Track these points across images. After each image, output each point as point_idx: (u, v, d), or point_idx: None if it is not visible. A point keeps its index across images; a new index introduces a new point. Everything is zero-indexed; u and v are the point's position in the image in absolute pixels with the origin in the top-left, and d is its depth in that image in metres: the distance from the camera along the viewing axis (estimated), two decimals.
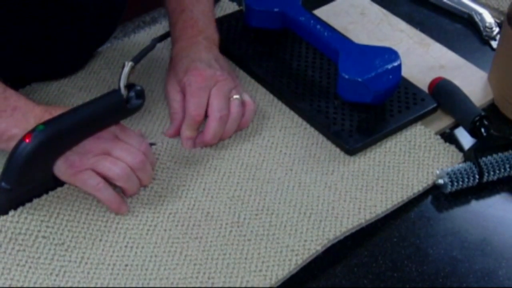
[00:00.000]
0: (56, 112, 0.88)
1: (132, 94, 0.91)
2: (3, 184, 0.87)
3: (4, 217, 0.89)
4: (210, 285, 0.83)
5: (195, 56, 1.03)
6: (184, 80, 1.00)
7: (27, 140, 0.85)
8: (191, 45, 1.05)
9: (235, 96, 1.01)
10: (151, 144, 0.97)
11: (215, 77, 1.00)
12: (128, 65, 0.90)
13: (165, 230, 0.89)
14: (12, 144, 0.87)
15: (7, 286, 0.82)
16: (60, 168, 0.88)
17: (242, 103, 1.01)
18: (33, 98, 1.06)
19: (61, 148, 0.88)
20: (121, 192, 0.91)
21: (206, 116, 0.99)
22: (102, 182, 0.88)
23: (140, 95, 0.91)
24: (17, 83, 1.08)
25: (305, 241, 0.88)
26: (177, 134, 1.00)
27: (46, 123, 0.86)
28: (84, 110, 0.89)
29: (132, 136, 0.92)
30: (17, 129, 0.88)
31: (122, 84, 0.90)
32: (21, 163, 0.85)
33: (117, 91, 0.90)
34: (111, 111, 0.90)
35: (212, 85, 1.00)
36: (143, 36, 1.19)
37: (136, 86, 0.91)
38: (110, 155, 0.89)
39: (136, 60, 0.94)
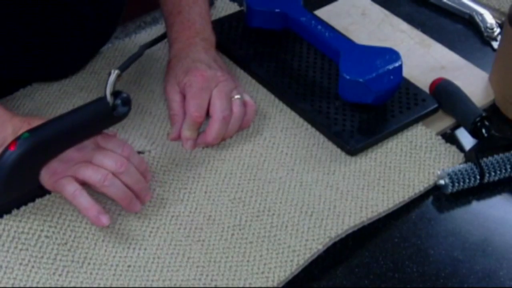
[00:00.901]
0: (34, 122, 0.88)
1: (118, 101, 0.90)
2: None
3: (8, 216, 0.89)
4: (213, 287, 0.84)
5: (195, 57, 1.03)
6: (184, 81, 1.00)
7: (12, 148, 0.84)
8: (189, 46, 1.05)
9: (236, 96, 1.01)
10: (139, 153, 0.97)
11: (216, 78, 1.00)
12: (114, 73, 0.89)
13: (167, 232, 0.89)
14: None
15: (10, 285, 0.83)
16: (43, 176, 0.88)
17: (244, 103, 1.02)
18: (34, 98, 1.07)
19: (47, 156, 0.87)
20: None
21: (207, 116, 0.99)
22: (79, 190, 0.87)
23: (126, 102, 0.90)
24: (18, 84, 1.08)
25: (307, 240, 0.88)
26: (180, 137, 1.00)
27: (31, 131, 0.85)
28: (70, 117, 0.88)
29: (113, 142, 0.91)
30: None
31: (108, 92, 0.88)
32: (6, 171, 0.84)
33: (103, 98, 0.89)
34: (97, 119, 0.89)
35: (213, 86, 1.00)
36: (144, 37, 1.19)
37: (122, 93, 0.90)
38: (92, 163, 0.88)
39: (123, 68, 0.93)
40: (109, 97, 0.89)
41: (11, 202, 0.89)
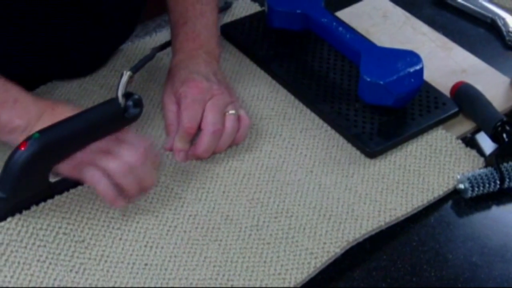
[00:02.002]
0: (58, 107, 0.88)
1: (130, 103, 0.90)
2: None
3: (26, 212, 0.89)
4: (229, 287, 0.83)
5: (193, 69, 1.02)
6: (180, 91, 1.00)
7: (22, 148, 0.84)
8: (190, 58, 1.04)
9: (231, 111, 0.99)
10: None
11: (211, 91, 0.99)
12: (126, 74, 0.89)
13: (185, 231, 0.89)
14: (15, 136, 0.87)
15: (27, 281, 0.83)
16: (63, 164, 0.88)
17: (238, 119, 1.00)
18: (54, 95, 1.07)
19: (57, 157, 0.87)
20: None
21: (200, 129, 0.98)
22: (99, 173, 0.87)
23: (138, 104, 0.90)
24: (39, 81, 1.09)
25: (324, 243, 0.88)
26: None
27: (42, 132, 0.85)
28: (81, 119, 0.88)
29: (132, 136, 0.91)
30: (19, 120, 0.87)
31: (120, 93, 0.88)
32: (16, 171, 0.84)
33: (114, 100, 0.89)
34: (108, 120, 0.89)
35: (207, 99, 0.99)
36: (164, 35, 1.19)
37: (134, 95, 0.90)
38: (110, 154, 0.88)
39: (135, 69, 0.93)
40: (120, 99, 0.89)
41: (18, 203, 0.89)
